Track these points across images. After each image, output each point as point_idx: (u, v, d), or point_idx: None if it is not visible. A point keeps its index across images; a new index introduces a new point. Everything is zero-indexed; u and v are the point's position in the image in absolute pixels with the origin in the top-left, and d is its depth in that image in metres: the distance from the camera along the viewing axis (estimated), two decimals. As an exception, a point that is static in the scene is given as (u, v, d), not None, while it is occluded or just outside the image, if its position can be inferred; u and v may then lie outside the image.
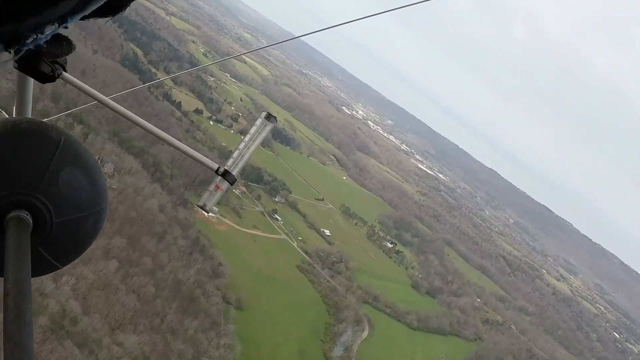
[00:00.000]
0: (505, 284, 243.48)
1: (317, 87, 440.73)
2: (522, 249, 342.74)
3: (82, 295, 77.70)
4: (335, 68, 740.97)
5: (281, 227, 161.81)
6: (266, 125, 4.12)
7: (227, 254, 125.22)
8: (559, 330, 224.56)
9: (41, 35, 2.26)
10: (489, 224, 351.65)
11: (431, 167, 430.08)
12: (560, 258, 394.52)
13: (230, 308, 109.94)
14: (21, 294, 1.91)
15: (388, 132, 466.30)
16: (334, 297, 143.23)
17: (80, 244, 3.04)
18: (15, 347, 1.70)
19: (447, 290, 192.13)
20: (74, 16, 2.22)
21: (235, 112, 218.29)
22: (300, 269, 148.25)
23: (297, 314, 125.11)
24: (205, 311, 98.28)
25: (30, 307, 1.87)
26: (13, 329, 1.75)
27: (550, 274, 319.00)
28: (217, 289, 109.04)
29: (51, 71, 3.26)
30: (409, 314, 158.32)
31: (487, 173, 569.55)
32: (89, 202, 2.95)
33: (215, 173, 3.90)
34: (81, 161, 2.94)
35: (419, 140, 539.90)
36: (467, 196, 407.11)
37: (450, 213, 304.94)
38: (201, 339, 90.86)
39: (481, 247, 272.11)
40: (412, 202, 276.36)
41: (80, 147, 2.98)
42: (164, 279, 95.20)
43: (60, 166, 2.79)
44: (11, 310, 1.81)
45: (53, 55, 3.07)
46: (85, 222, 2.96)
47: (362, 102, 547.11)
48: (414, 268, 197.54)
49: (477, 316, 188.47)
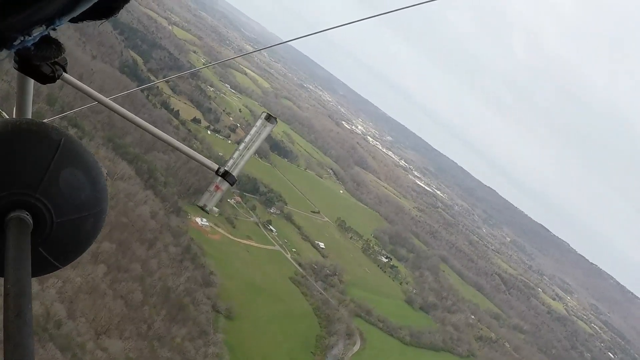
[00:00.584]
0: (500, 301, 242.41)
1: (317, 101, 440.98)
2: (518, 267, 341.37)
3: (68, 298, 76.92)
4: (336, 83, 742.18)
5: (275, 239, 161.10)
6: (266, 126, 4.12)
7: (219, 263, 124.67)
8: (553, 349, 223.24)
9: (29, 37, 2.21)
10: (485, 242, 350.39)
11: (429, 184, 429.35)
12: (556, 277, 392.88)
13: (220, 317, 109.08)
14: (21, 294, 1.91)
15: (387, 147, 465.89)
16: (326, 309, 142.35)
17: (81, 244, 3.05)
18: (15, 347, 1.69)
19: (441, 307, 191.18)
20: (62, 18, 2.15)
21: (233, 122, 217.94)
22: (293, 280, 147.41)
23: (288, 325, 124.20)
24: (193, 319, 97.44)
25: (30, 308, 1.87)
26: (13, 330, 1.74)
27: (546, 293, 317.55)
28: (207, 297, 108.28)
29: (51, 72, 3.26)
30: (402, 328, 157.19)
31: (485, 191, 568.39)
32: (89, 202, 2.94)
33: (215, 174, 3.95)
34: (81, 161, 2.94)
35: (417, 156, 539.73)
36: (464, 213, 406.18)
37: (446, 230, 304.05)
38: (188, 347, 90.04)
39: (477, 265, 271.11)
40: (408, 217, 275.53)
41: (80, 148, 2.98)
42: (153, 286, 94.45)
43: (60, 166, 2.79)
44: (11, 310, 1.80)
45: (42, 58, 3.00)
46: (86, 222, 2.95)
47: (362, 118, 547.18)
48: (408, 283, 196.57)
49: (470, 333, 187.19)
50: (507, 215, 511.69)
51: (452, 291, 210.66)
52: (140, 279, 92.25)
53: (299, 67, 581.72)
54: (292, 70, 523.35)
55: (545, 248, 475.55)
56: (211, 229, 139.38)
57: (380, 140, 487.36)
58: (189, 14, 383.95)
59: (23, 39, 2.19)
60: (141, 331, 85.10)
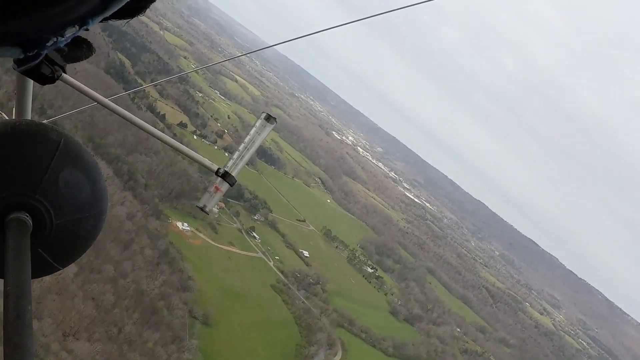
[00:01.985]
0: (486, 314, 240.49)
1: (308, 111, 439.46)
2: (506, 281, 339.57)
3: (36, 298, 74.12)
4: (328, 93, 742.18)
5: (258, 246, 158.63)
6: (266, 127, 4.07)
7: (198, 268, 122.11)
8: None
9: (62, 38, 2.17)
10: (473, 255, 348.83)
11: (418, 196, 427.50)
12: (545, 292, 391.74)
13: (196, 323, 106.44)
14: (21, 295, 1.91)
15: (377, 159, 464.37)
16: (308, 318, 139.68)
17: (80, 245, 3.02)
18: (15, 348, 1.69)
19: (427, 319, 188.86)
20: (94, 18, 2.13)
21: (221, 128, 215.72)
22: (275, 288, 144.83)
23: (267, 333, 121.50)
24: (167, 324, 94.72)
25: (30, 309, 1.87)
26: (13, 331, 1.75)
27: (534, 307, 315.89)
28: (183, 302, 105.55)
29: (51, 73, 3.17)
30: (385, 340, 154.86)
31: (474, 204, 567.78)
32: (89, 203, 2.92)
33: (215, 174, 3.89)
34: (81, 162, 2.91)
35: (407, 168, 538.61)
36: (453, 226, 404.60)
37: (434, 242, 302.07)
38: (160, 352, 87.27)
39: (464, 277, 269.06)
40: (396, 229, 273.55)
41: (80, 149, 2.95)
42: (126, 288, 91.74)
43: (60, 167, 2.76)
44: (11, 311, 1.81)
45: (74, 59, 2.98)
46: (85, 223, 2.93)
47: (353, 128, 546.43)
48: (393, 294, 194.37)
49: (455, 346, 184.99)
50: (496, 229, 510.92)
51: (438, 303, 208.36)
52: (113, 280, 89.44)
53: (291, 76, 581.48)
54: (284, 79, 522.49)
55: (534, 263, 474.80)
56: (192, 233, 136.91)
57: (371, 151, 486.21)
58: (181, 20, 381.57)
59: (56, 39, 2.15)
60: (111, 334, 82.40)
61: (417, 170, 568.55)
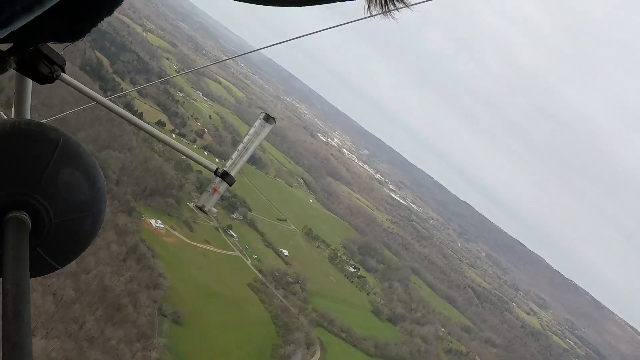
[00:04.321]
0: (472, 314, 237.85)
1: (293, 113, 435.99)
2: (493, 281, 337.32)
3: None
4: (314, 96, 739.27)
5: (236, 244, 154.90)
6: (265, 127, 4.23)
7: (171, 266, 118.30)
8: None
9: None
10: (459, 255, 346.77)
11: (404, 197, 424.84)
12: (532, 292, 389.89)
13: (166, 321, 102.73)
14: (20, 294, 1.91)
15: (363, 161, 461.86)
16: (285, 317, 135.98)
17: (79, 244, 3.03)
18: (13, 347, 1.69)
19: (410, 318, 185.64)
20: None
21: (201, 127, 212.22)
22: (252, 287, 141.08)
23: (242, 333, 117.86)
24: (133, 322, 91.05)
25: (29, 308, 1.88)
26: (12, 330, 1.75)
27: (520, 307, 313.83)
28: (153, 300, 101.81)
29: (50, 72, 3.26)
30: (366, 339, 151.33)
31: (461, 206, 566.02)
32: (88, 202, 2.93)
33: (214, 174, 4.00)
34: (80, 162, 2.92)
35: (394, 170, 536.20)
36: (439, 227, 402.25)
37: (420, 242, 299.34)
38: (124, 351, 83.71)
39: (449, 277, 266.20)
40: (380, 229, 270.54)
41: (79, 148, 2.96)
42: (88, 284, 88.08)
43: (59, 167, 2.78)
44: (10, 310, 1.81)
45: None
46: (84, 222, 2.94)
47: (338, 131, 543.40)
48: (376, 294, 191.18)
49: (439, 346, 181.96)
50: (482, 230, 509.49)
51: (422, 303, 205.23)
52: (74, 275, 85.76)
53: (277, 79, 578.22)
54: (269, 82, 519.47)
55: (521, 263, 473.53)
56: (166, 231, 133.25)
57: (357, 153, 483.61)
58: (165, 23, 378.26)
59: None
60: (71, 331, 78.73)
61: (403, 172, 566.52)
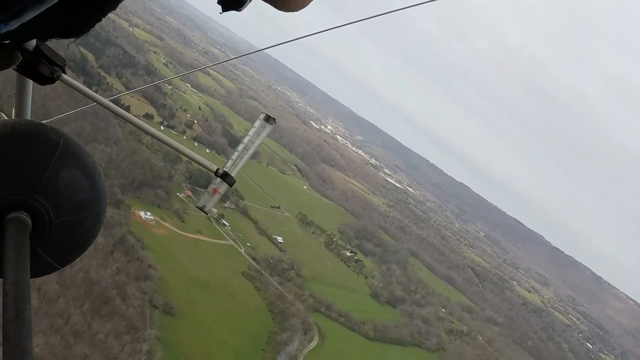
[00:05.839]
0: (472, 294, 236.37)
1: (285, 102, 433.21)
2: (492, 260, 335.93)
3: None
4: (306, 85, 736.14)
5: (228, 233, 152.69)
6: (265, 127, 4.19)
7: (161, 257, 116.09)
8: (529, 340, 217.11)
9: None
10: (458, 236, 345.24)
11: (400, 181, 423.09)
12: (532, 270, 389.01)
13: (157, 313, 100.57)
14: (20, 295, 1.91)
15: (357, 146, 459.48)
16: (281, 304, 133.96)
17: (79, 244, 3.02)
18: (14, 348, 1.69)
19: (410, 300, 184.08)
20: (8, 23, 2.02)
21: (190, 119, 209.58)
22: (246, 275, 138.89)
23: (237, 322, 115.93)
24: (122, 314, 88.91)
25: (29, 308, 1.87)
26: (12, 330, 1.75)
27: (521, 285, 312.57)
28: (142, 292, 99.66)
29: (50, 73, 3.24)
30: (365, 323, 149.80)
31: (457, 187, 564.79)
32: (88, 203, 2.92)
33: (215, 175, 3.98)
34: (80, 162, 2.90)
35: (389, 155, 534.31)
36: (436, 209, 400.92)
37: (417, 225, 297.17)
38: (112, 344, 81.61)
39: (448, 258, 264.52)
40: (377, 213, 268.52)
41: (79, 149, 2.94)
42: (72, 277, 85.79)
43: (59, 167, 2.76)
44: (10, 311, 1.81)
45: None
46: (84, 223, 2.93)
47: (331, 118, 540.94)
48: (374, 277, 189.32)
49: (440, 326, 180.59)
50: (480, 210, 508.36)
51: (422, 285, 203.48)
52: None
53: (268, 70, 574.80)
54: (260, 72, 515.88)
55: (520, 242, 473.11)
56: (156, 223, 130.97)
57: (350, 139, 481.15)
58: (152, 18, 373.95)
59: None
60: (56, 326, 76.46)
61: (398, 156, 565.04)
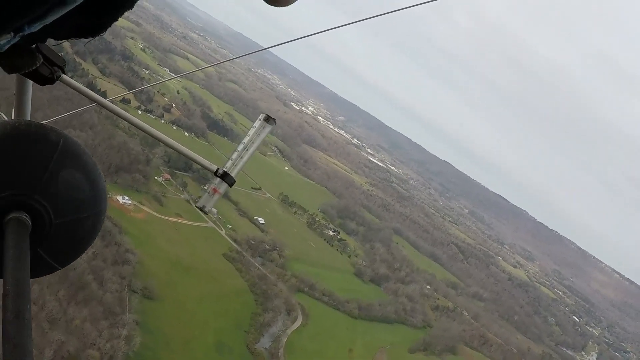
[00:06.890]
0: (457, 270, 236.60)
1: (265, 84, 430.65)
2: (477, 237, 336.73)
3: None
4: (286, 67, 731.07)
5: (209, 215, 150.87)
6: (265, 127, 4.19)
7: (140, 241, 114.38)
8: (515, 315, 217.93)
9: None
10: (442, 214, 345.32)
11: (383, 160, 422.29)
12: (517, 245, 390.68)
13: (135, 297, 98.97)
14: (20, 295, 1.92)
15: (339, 127, 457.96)
16: (263, 285, 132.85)
17: (79, 245, 3.05)
18: (14, 348, 1.70)
19: (394, 278, 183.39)
20: (32, 25, 2.03)
21: (168, 102, 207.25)
22: (227, 257, 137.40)
23: (218, 304, 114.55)
24: (99, 299, 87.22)
25: (29, 308, 1.89)
26: (12, 330, 1.75)
27: (506, 261, 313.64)
28: (120, 277, 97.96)
29: (50, 74, 3.28)
30: (349, 302, 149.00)
31: (440, 165, 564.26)
32: (88, 203, 2.94)
33: (214, 174, 3.97)
34: (80, 163, 2.94)
35: (371, 134, 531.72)
36: (419, 187, 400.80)
37: (400, 203, 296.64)
38: (89, 330, 80.00)
39: (432, 235, 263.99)
40: (359, 192, 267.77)
41: (79, 149, 2.97)
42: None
43: (59, 168, 2.79)
44: (10, 311, 1.81)
45: (14, 68, 2.97)
46: (84, 223, 2.95)
47: (313, 99, 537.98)
48: (357, 256, 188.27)
49: (426, 303, 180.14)
50: (464, 187, 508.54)
51: (406, 262, 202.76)
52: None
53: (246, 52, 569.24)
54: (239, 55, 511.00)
55: (504, 218, 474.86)
56: (135, 207, 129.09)
57: (332, 120, 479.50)
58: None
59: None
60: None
61: (381, 135, 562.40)
